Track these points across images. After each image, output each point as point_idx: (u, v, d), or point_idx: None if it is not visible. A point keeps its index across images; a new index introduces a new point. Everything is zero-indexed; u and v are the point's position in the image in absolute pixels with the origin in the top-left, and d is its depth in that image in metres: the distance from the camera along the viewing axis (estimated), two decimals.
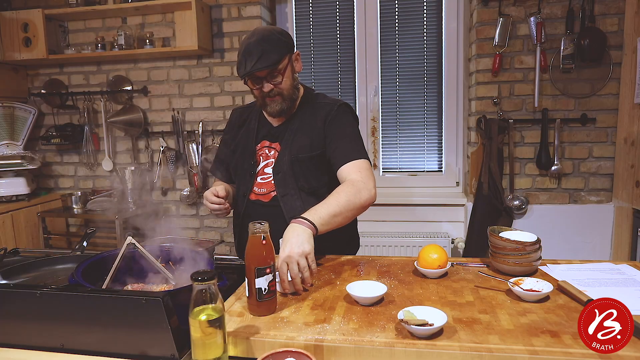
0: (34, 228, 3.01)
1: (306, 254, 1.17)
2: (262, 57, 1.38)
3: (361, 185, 1.38)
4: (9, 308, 1.01)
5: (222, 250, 3.07)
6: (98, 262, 1.24)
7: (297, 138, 1.54)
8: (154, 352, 0.93)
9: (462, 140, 3.04)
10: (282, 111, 1.50)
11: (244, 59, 1.40)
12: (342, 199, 1.33)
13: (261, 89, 1.45)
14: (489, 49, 2.69)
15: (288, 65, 1.46)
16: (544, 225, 2.72)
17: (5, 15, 2.99)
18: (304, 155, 1.51)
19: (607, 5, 2.55)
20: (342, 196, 1.34)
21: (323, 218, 1.27)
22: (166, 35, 3.09)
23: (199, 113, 3.13)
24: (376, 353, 0.89)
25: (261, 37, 1.42)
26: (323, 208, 1.30)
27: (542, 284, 1.12)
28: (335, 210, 1.30)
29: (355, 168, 1.44)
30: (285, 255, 1.16)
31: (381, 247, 2.89)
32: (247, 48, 1.41)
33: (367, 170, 1.45)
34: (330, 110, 1.53)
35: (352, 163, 1.45)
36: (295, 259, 1.15)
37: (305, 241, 1.19)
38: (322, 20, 3.14)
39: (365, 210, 1.41)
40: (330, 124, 1.51)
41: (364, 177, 1.42)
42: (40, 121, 3.35)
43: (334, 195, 1.35)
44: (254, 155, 1.59)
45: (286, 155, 1.53)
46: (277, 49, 1.41)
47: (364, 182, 1.40)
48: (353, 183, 1.39)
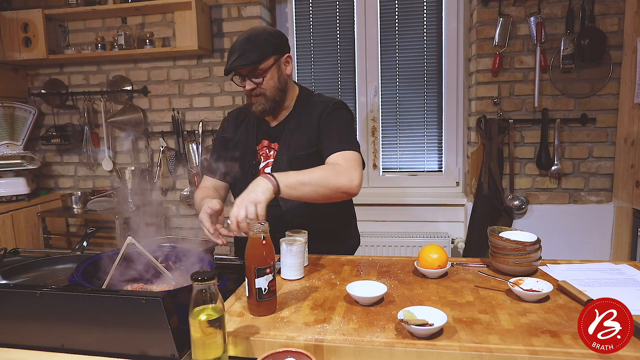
0: (34, 228, 3.01)
1: (257, 202, 1.19)
2: (242, 55, 1.41)
3: (342, 170, 1.36)
4: (9, 308, 1.01)
5: (222, 250, 3.06)
6: (98, 262, 1.24)
7: (294, 137, 1.54)
8: (154, 352, 0.93)
9: (462, 140, 3.04)
10: (264, 112, 1.50)
11: (228, 56, 1.46)
12: (317, 173, 1.32)
13: (244, 87, 1.48)
14: (489, 49, 2.69)
15: (273, 66, 1.47)
16: (544, 225, 2.72)
17: (5, 15, 2.99)
18: (302, 153, 1.51)
19: (607, 5, 2.55)
20: (318, 171, 1.34)
21: (290, 181, 1.27)
22: (166, 35, 3.09)
23: (199, 113, 3.13)
24: (376, 353, 0.89)
25: (248, 36, 1.45)
26: (294, 173, 1.31)
27: (542, 284, 1.12)
28: (305, 179, 1.29)
29: (341, 156, 1.42)
30: (239, 200, 1.20)
31: (381, 247, 2.89)
32: (233, 45, 1.46)
33: (353, 160, 1.42)
34: (326, 107, 1.53)
35: (340, 153, 1.43)
36: (245, 204, 1.18)
37: (261, 192, 1.21)
38: (322, 20, 3.14)
39: (342, 196, 1.37)
40: (325, 120, 1.52)
41: (348, 165, 1.39)
42: (40, 121, 3.35)
43: (309, 169, 1.34)
44: (256, 155, 1.59)
45: (284, 155, 1.53)
46: (259, 49, 1.43)
47: (345, 170, 1.37)
48: (334, 166, 1.39)
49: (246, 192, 1.22)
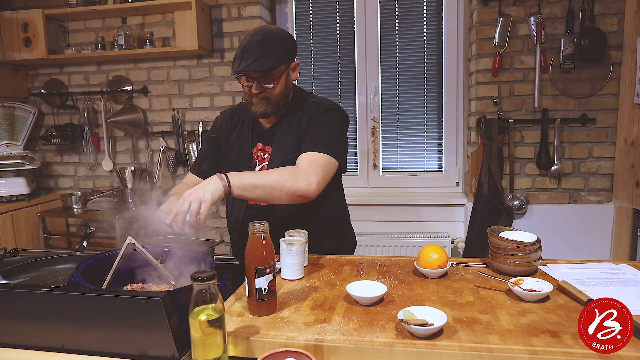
0: (34, 228, 3.01)
1: (202, 200, 1.17)
2: (258, 59, 1.36)
3: (301, 174, 1.33)
4: (9, 308, 1.01)
5: (222, 250, 3.06)
6: (98, 262, 1.24)
7: (285, 139, 1.52)
8: (154, 352, 0.93)
9: (462, 140, 3.04)
10: (264, 114, 1.47)
11: (240, 56, 1.38)
12: (273, 176, 1.30)
13: (250, 88, 1.44)
14: (489, 49, 2.69)
15: (284, 73, 1.45)
16: (544, 225, 2.72)
17: (5, 15, 2.99)
18: (293, 156, 1.48)
19: (607, 5, 2.55)
20: (274, 174, 1.31)
21: (243, 182, 1.25)
22: (166, 35, 3.09)
23: (199, 113, 3.13)
24: (376, 353, 0.89)
25: (264, 39, 1.39)
26: (248, 175, 1.29)
27: (542, 284, 1.12)
28: (259, 182, 1.28)
29: (308, 158, 1.39)
30: (186, 194, 1.18)
31: (381, 247, 2.89)
32: (247, 45, 1.39)
33: (318, 164, 1.38)
34: (317, 109, 1.50)
35: (310, 154, 1.40)
36: (190, 199, 1.16)
37: (209, 191, 1.19)
38: (322, 20, 3.14)
39: (297, 199, 1.34)
40: (313, 121, 1.49)
41: (310, 169, 1.35)
42: (40, 121, 3.35)
43: (268, 171, 1.33)
44: (251, 159, 1.57)
45: (277, 157, 1.51)
46: (275, 55, 1.39)
47: (305, 173, 1.34)
48: (295, 169, 1.35)
49: (196, 188, 1.20)
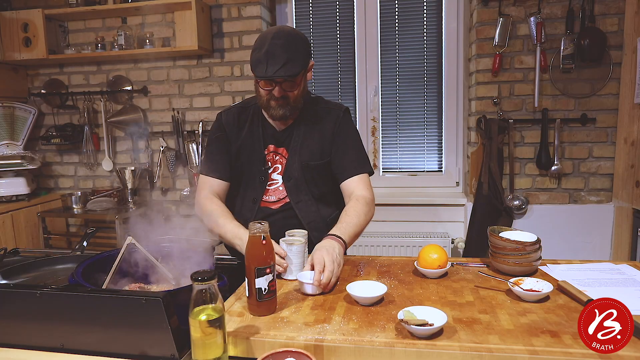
0: (34, 228, 3.01)
1: (339, 263, 1.23)
2: (286, 64, 1.34)
3: (371, 202, 1.50)
4: (9, 308, 1.01)
5: (222, 250, 3.06)
6: (98, 262, 1.24)
7: (305, 144, 1.52)
8: (154, 352, 0.93)
9: (462, 140, 3.04)
10: (284, 116, 1.46)
11: (265, 60, 1.34)
12: (361, 218, 1.43)
13: (271, 92, 1.41)
14: (489, 49, 2.69)
15: (304, 76, 1.45)
16: (544, 225, 2.72)
17: (5, 15, 2.98)
18: (315, 163, 1.52)
19: (607, 5, 2.55)
20: (360, 215, 1.44)
21: (351, 238, 1.38)
22: (166, 35, 3.09)
23: (199, 113, 3.13)
24: (376, 353, 0.89)
25: (288, 42, 1.36)
26: (350, 227, 1.39)
27: (542, 284, 1.12)
28: (357, 230, 1.42)
29: (362, 184, 1.53)
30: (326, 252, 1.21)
31: (381, 247, 2.89)
32: (271, 49, 1.34)
33: (369, 184, 1.56)
34: (337, 117, 1.56)
35: (359, 177, 1.53)
36: (332, 259, 1.19)
37: (339, 254, 1.25)
38: (322, 20, 3.14)
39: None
40: (339, 133, 1.55)
41: (370, 191, 1.53)
42: (40, 121, 3.35)
43: (354, 213, 1.43)
44: (264, 162, 1.54)
45: (296, 162, 1.51)
46: (301, 58, 1.39)
47: (372, 199, 1.52)
48: (365, 200, 1.48)
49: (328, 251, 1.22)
